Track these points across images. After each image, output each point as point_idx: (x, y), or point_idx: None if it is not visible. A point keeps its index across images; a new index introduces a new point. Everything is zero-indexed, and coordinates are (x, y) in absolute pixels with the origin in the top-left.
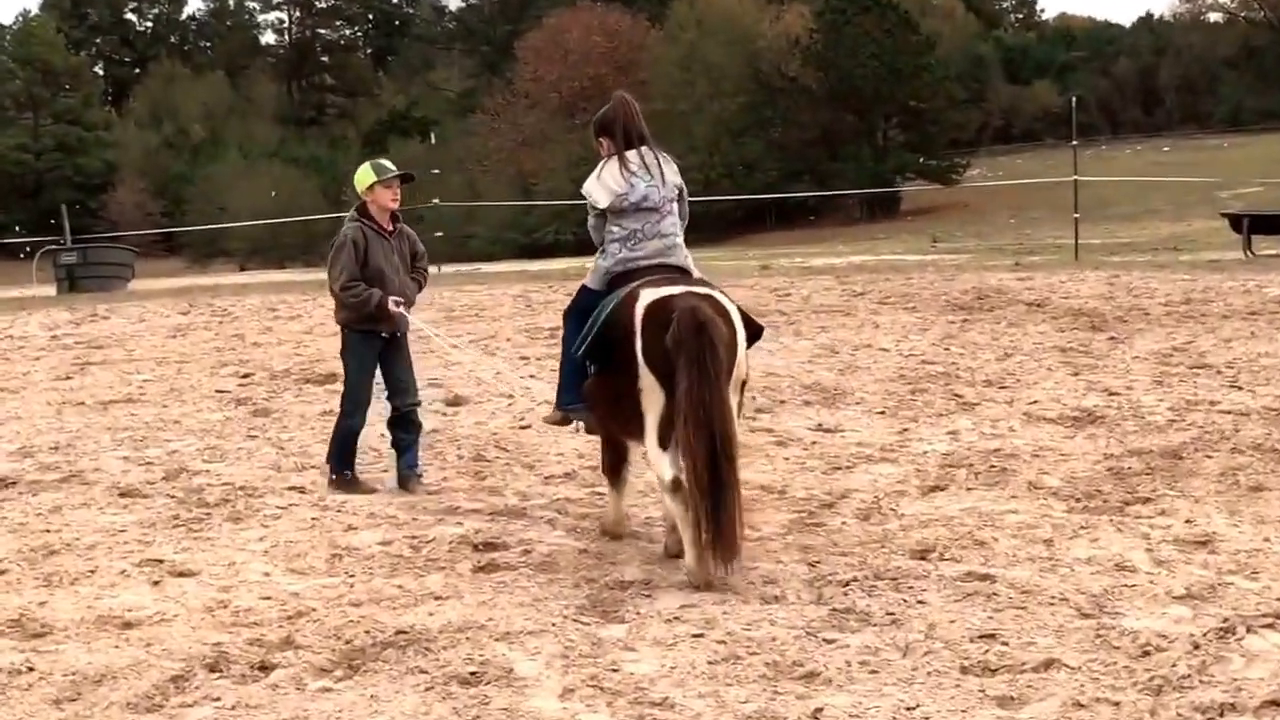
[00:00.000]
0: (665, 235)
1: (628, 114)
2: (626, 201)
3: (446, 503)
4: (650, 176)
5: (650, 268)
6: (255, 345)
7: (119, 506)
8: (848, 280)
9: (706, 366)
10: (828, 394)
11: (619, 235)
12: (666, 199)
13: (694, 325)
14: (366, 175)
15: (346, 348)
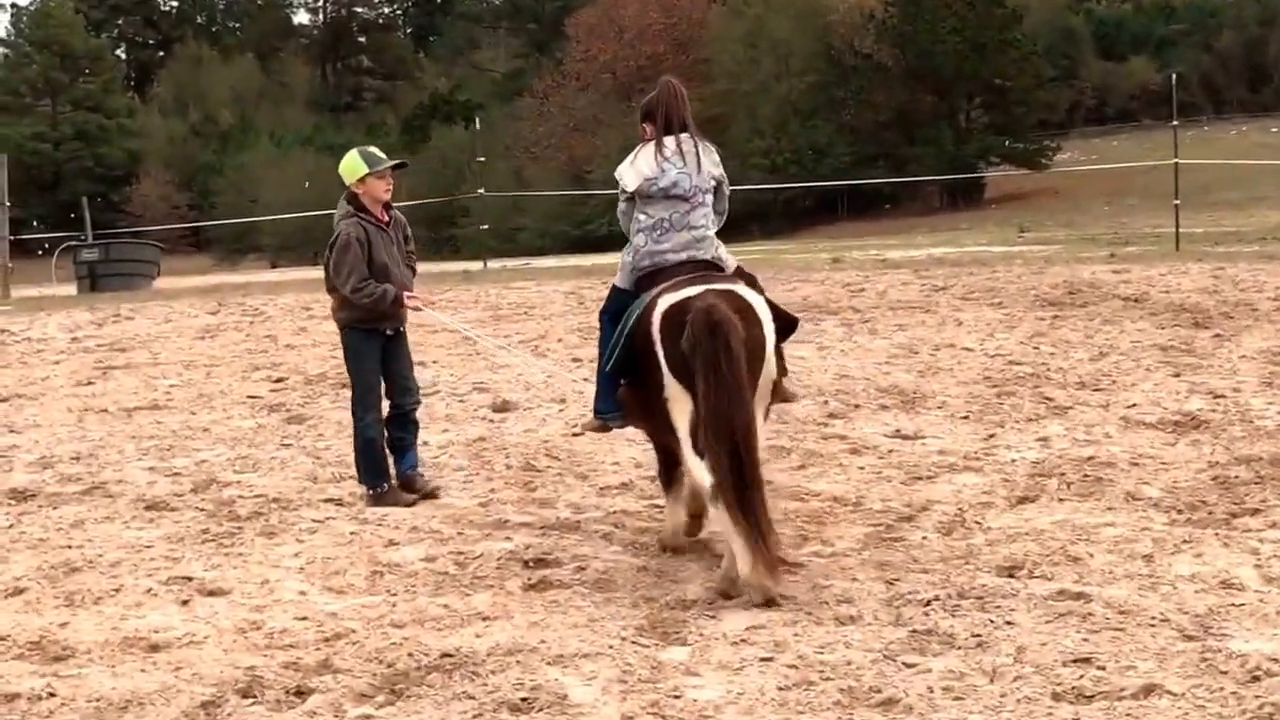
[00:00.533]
0: (695, 227)
1: (671, 99)
2: (655, 187)
3: (494, 516)
4: (684, 164)
5: (677, 265)
6: (289, 347)
7: (145, 521)
8: (927, 274)
9: (722, 368)
10: (906, 397)
11: (645, 224)
12: (699, 189)
13: (708, 326)
14: (357, 166)
15: (350, 350)
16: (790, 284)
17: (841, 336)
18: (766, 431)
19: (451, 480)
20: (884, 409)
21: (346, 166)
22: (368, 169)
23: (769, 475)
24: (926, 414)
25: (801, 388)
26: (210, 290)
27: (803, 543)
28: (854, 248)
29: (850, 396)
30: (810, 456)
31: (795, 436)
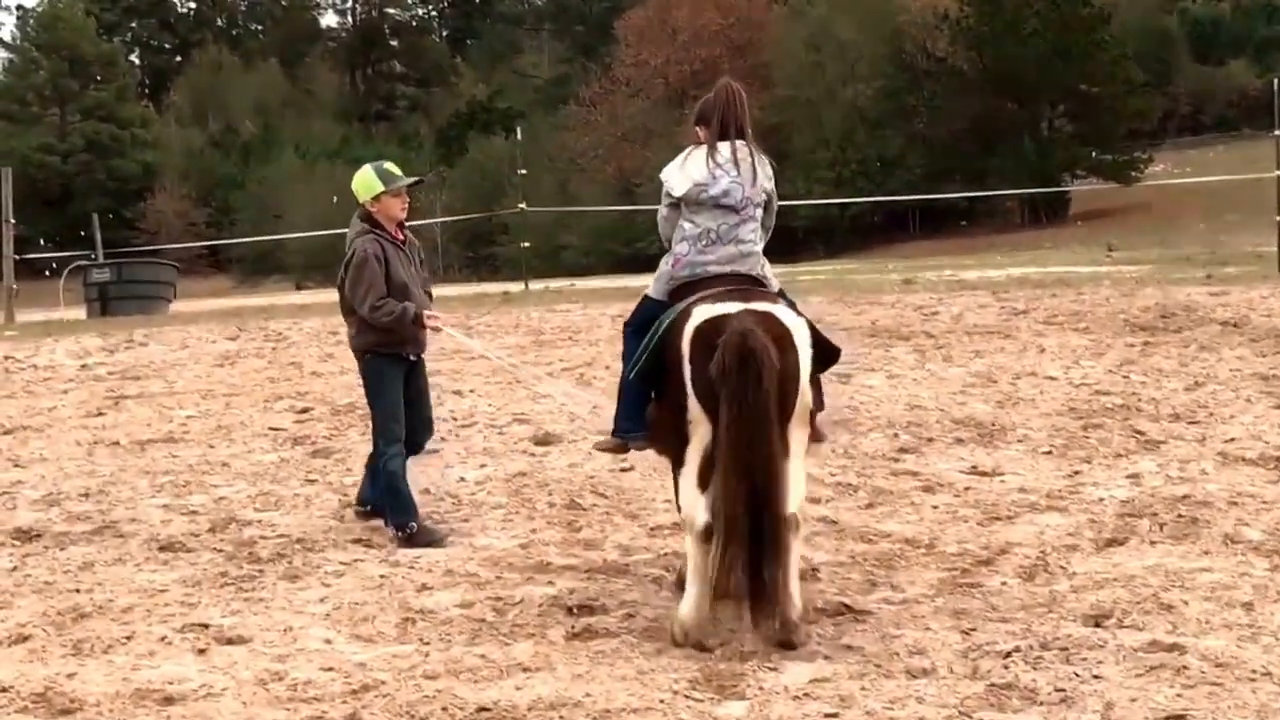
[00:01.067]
0: (743, 241)
1: (730, 102)
2: (705, 194)
3: (535, 558)
4: (737, 173)
5: (718, 276)
6: (315, 375)
7: (158, 562)
8: (1007, 296)
9: (749, 404)
10: (984, 430)
11: (690, 233)
12: (750, 201)
13: (740, 354)
14: (371, 184)
15: (373, 377)
16: (858, 307)
17: (913, 364)
18: (806, 466)
19: (490, 519)
20: (959, 443)
21: (360, 183)
22: (383, 187)
23: (836, 515)
24: (1006, 448)
25: (870, 419)
26: (230, 314)
27: (871, 588)
28: (927, 268)
29: (923, 429)
30: (879, 494)
31: (863, 473)
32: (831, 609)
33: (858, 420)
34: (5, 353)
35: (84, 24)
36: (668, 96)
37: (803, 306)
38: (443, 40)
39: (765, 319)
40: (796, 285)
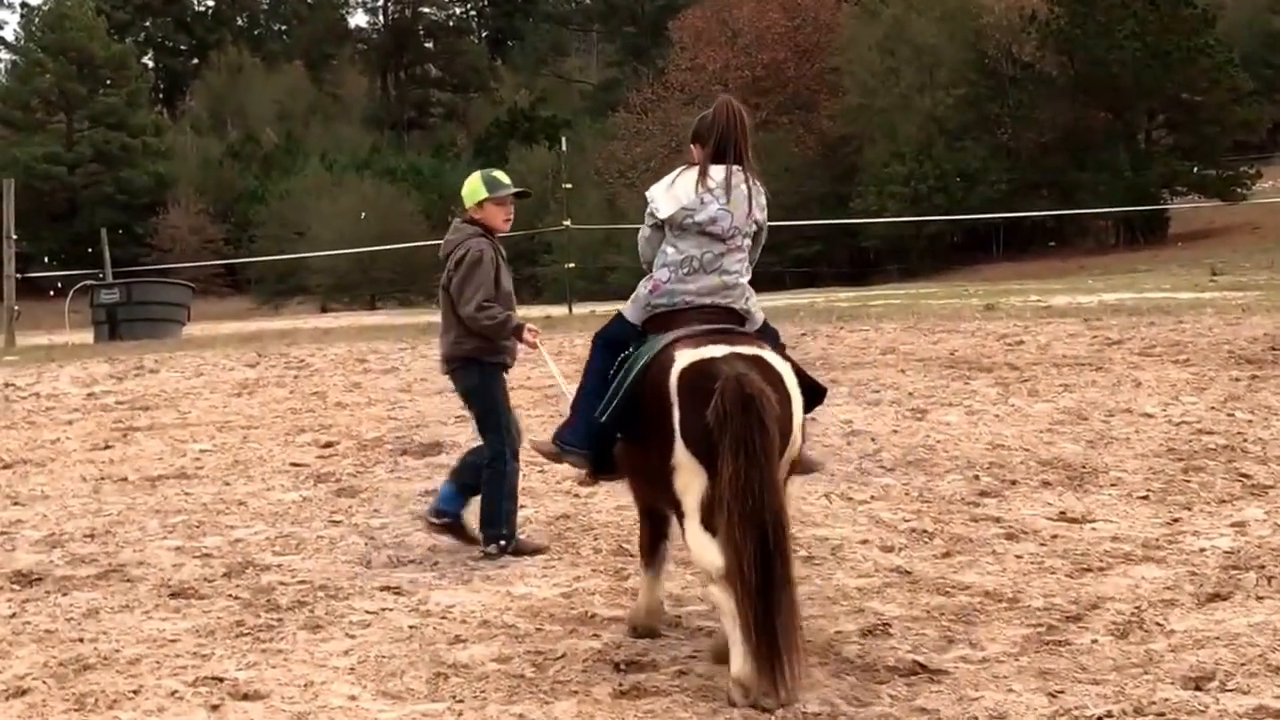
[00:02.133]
0: (728, 272)
1: (730, 123)
2: (691, 219)
3: (579, 608)
4: (727, 199)
5: (698, 309)
6: (340, 406)
7: (169, 610)
8: (1099, 325)
9: (755, 449)
10: (1073, 472)
11: (671, 259)
12: (739, 231)
13: (740, 400)
14: (478, 189)
15: (483, 386)
16: (935, 335)
17: (995, 399)
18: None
19: (529, 566)
20: (1046, 486)
21: (468, 189)
22: (487, 194)
23: (910, 565)
24: (1098, 493)
25: (947, 459)
26: (249, 338)
27: (948, 646)
28: (1011, 292)
29: (1006, 471)
30: (957, 542)
31: (940, 518)
32: (905, 668)
33: (934, 460)
34: (5, 379)
35: (93, 23)
36: None
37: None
38: (481, 42)
39: (756, 363)
40: (868, 310)
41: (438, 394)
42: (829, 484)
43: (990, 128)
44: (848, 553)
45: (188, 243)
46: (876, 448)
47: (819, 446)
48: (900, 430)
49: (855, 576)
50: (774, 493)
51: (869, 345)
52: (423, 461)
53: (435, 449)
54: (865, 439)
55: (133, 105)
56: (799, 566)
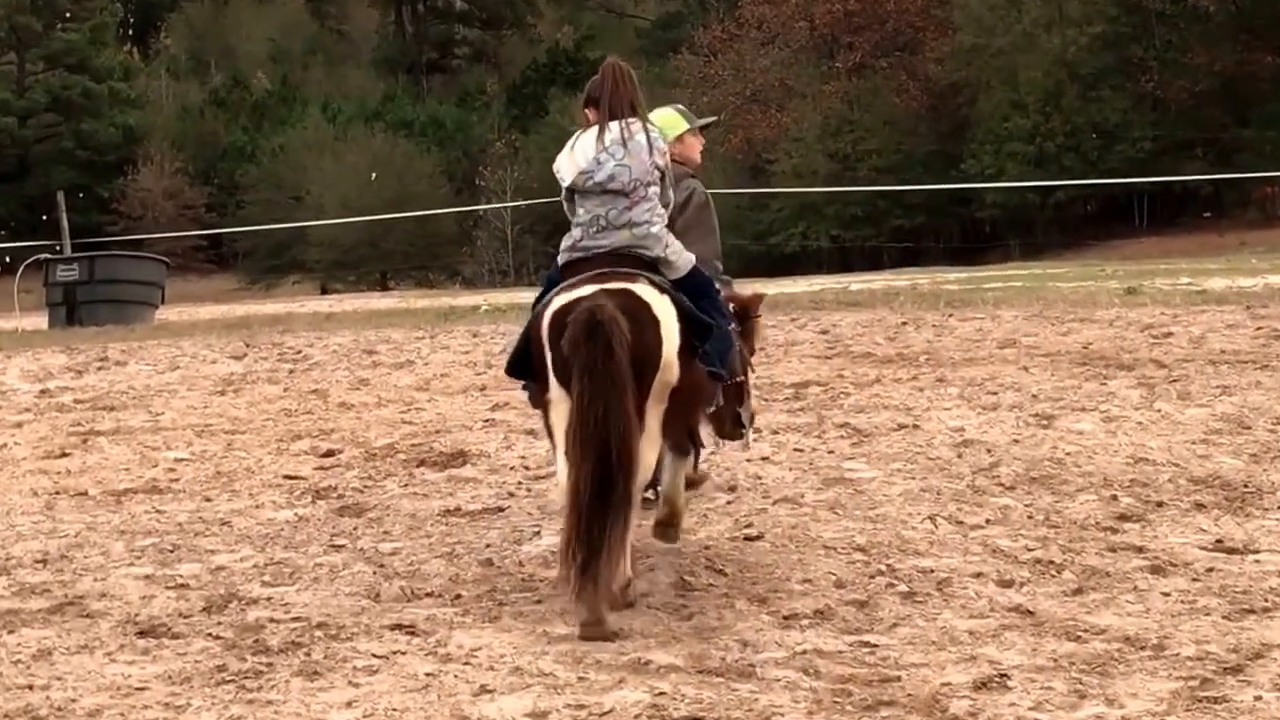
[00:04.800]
0: (636, 224)
1: (617, 81)
2: (591, 180)
3: (630, 653)
4: (624, 153)
5: (603, 255)
6: (344, 407)
7: (136, 651)
8: (1265, 314)
9: (599, 372)
10: (1233, 493)
11: (582, 219)
12: (640, 182)
13: (588, 327)
14: (676, 121)
15: None
16: (1064, 325)
17: (1139, 403)
18: (655, 450)
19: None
20: (1200, 509)
21: (664, 121)
22: (687, 125)
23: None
24: (1263, 517)
25: (1079, 476)
26: (235, 325)
27: (1079, 701)
28: (1157, 273)
29: (1150, 490)
30: (1091, 576)
31: (1070, 547)
32: None
33: (1063, 477)
34: None
35: None
36: (813, 45)
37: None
38: None
39: (619, 294)
40: (982, 295)
41: (461, 393)
42: (935, 504)
43: (1132, 74)
44: (957, 588)
45: (162, 209)
46: (993, 461)
47: (921, 459)
48: (1022, 440)
49: (966, 617)
50: (618, 416)
51: (984, 337)
52: (443, 474)
53: (458, 459)
54: (979, 450)
55: (97, 43)
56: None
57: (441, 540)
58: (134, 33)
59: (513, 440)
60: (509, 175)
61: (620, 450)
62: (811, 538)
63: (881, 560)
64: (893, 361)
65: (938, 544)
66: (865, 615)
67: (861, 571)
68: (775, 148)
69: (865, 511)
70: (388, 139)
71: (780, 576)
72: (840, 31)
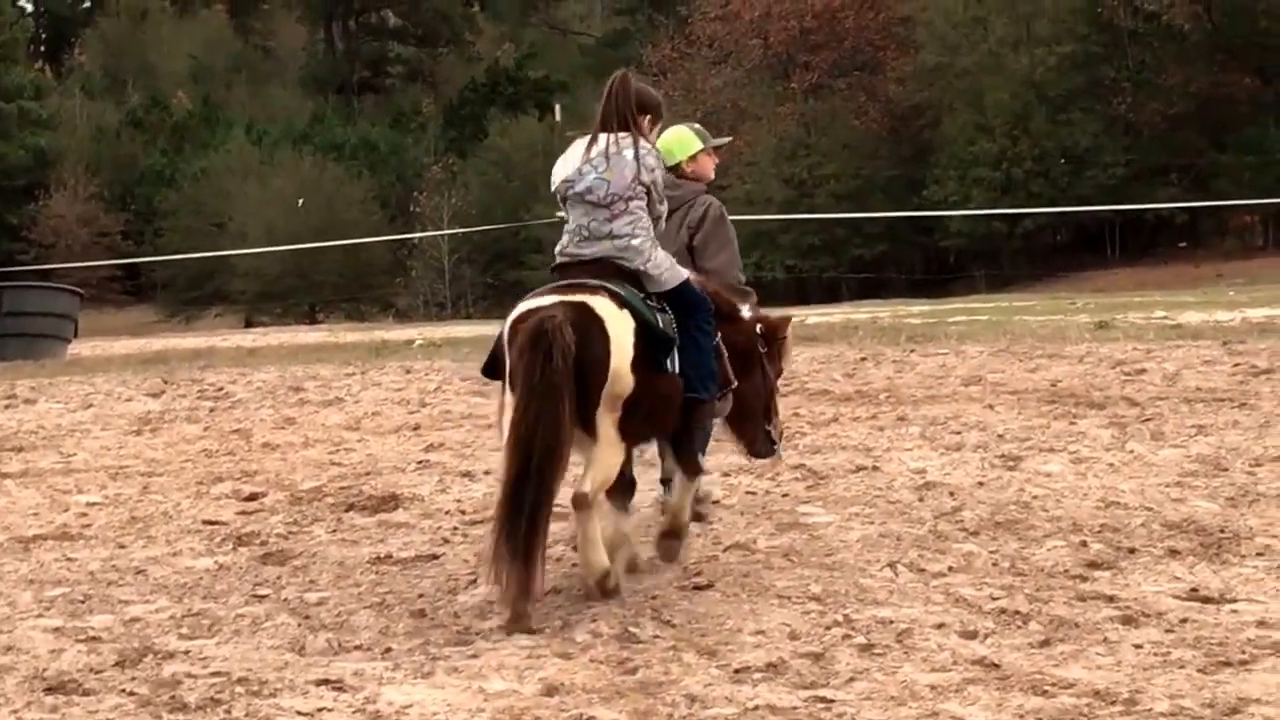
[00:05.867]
0: (618, 236)
1: (615, 94)
2: (572, 190)
3: (572, 709)
4: (606, 166)
5: (585, 265)
6: (268, 448)
7: (45, 709)
8: (1242, 349)
9: (536, 379)
10: (1208, 538)
11: (569, 227)
12: (619, 196)
13: (533, 336)
14: (690, 141)
15: None
16: (1032, 361)
17: (1110, 443)
18: (615, 455)
19: (507, 653)
20: (1174, 555)
21: (677, 141)
22: (701, 144)
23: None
24: (1240, 564)
25: (1047, 521)
26: (153, 360)
27: None
28: (1130, 306)
29: (1122, 535)
30: (1059, 627)
31: (1037, 596)
32: None
33: (1029, 522)
34: None
35: None
36: (768, 64)
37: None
38: None
39: (573, 307)
40: (946, 329)
41: (393, 433)
42: (895, 551)
43: (1104, 95)
44: (918, 639)
45: (75, 236)
46: (956, 505)
47: (881, 503)
48: (987, 483)
49: (928, 670)
50: (549, 423)
51: (947, 374)
52: (374, 519)
53: (390, 503)
54: (942, 494)
55: (6, 60)
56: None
57: (371, 590)
58: (46, 49)
59: (448, 483)
60: (446, 201)
61: (543, 456)
62: (764, 586)
63: (838, 610)
64: (851, 399)
65: (898, 593)
66: (820, 668)
67: (817, 622)
68: (728, 172)
69: (821, 558)
70: (316, 162)
71: (731, 628)
72: (796, 50)
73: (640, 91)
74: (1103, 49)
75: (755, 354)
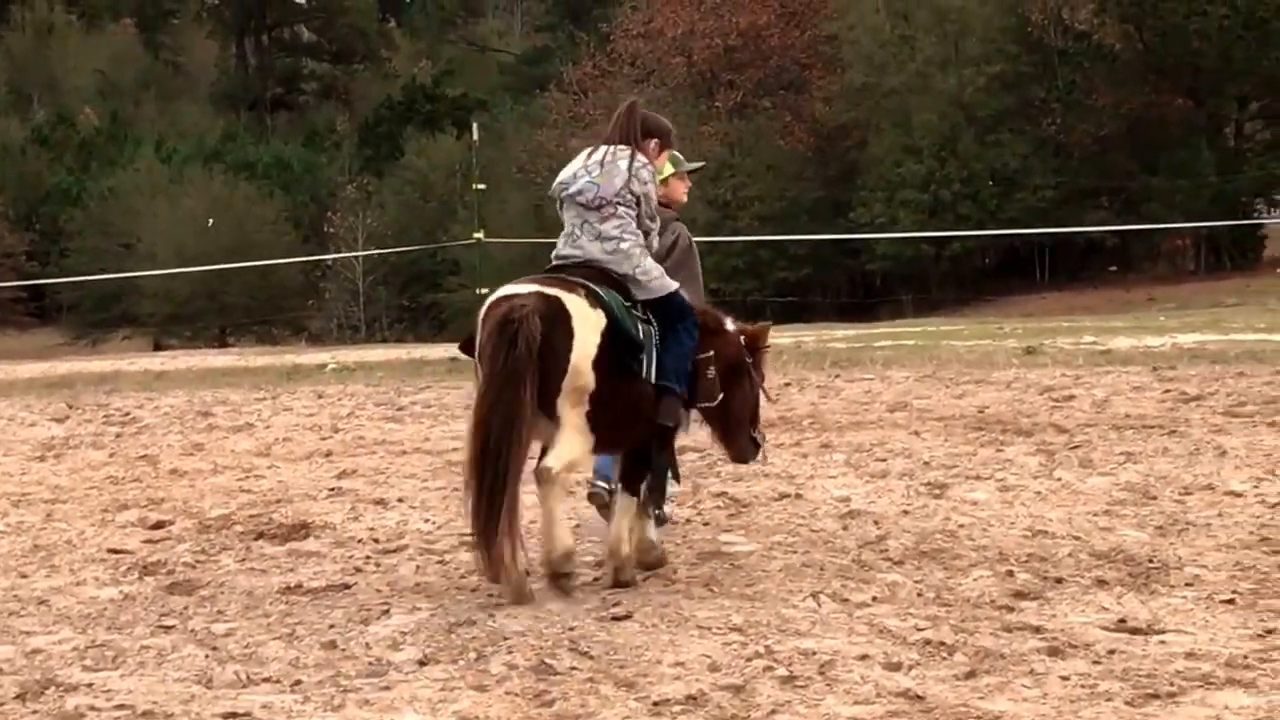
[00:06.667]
0: (606, 239)
1: (622, 116)
2: (565, 192)
3: None
4: (599, 172)
5: (574, 266)
6: (176, 475)
7: None
8: (1173, 375)
9: (498, 364)
10: (1137, 568)
11: (565, 229)
12: (606, 200)
13: (499, 323)
14: (662, 165)
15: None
16: (959, 387)
17: (1037, 471)
18: (580, 442)
19: (420, 687)
20: (1102, 585)
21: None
22: (673, 169)
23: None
24: (1169, 595)
25: (972, 550)
26: (57, 384)
27: None
28: (1059, 331)
29: (1049, 565)
30: (985, 658)
31: (962, 627)
32: None
33: (955, 551)
34: None
35: None
36: (691, 83)
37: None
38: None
39: (545, 298)
40: (872, 354)
41: (305, 459)
42: (818, 581)
43: (1033, 116)
44: (841, 671)
45: None
46: (881, 534)
47: (804, 532)
48: (912, 511)
49: (851, 703)
50: (506, 405)
51: (873, 399)
52: (284, 548)
53: (301, 531)
54: (866, 522)
55: None
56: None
57: (281, 620)
58: None
59: (360, 510)
60: (360, 222)
61: (500, 436)
62: (684, 617)
63: (760, 641)
64: (774, 425)
65: (820, 624)
66: (742, 701)
67: (738, 654)
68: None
69: (743, 588)
70: (228, 181)
71: (650, 659)
72: (720, 69)
73: (647, 117)
74: (1032, 69)
75: (743, 365)
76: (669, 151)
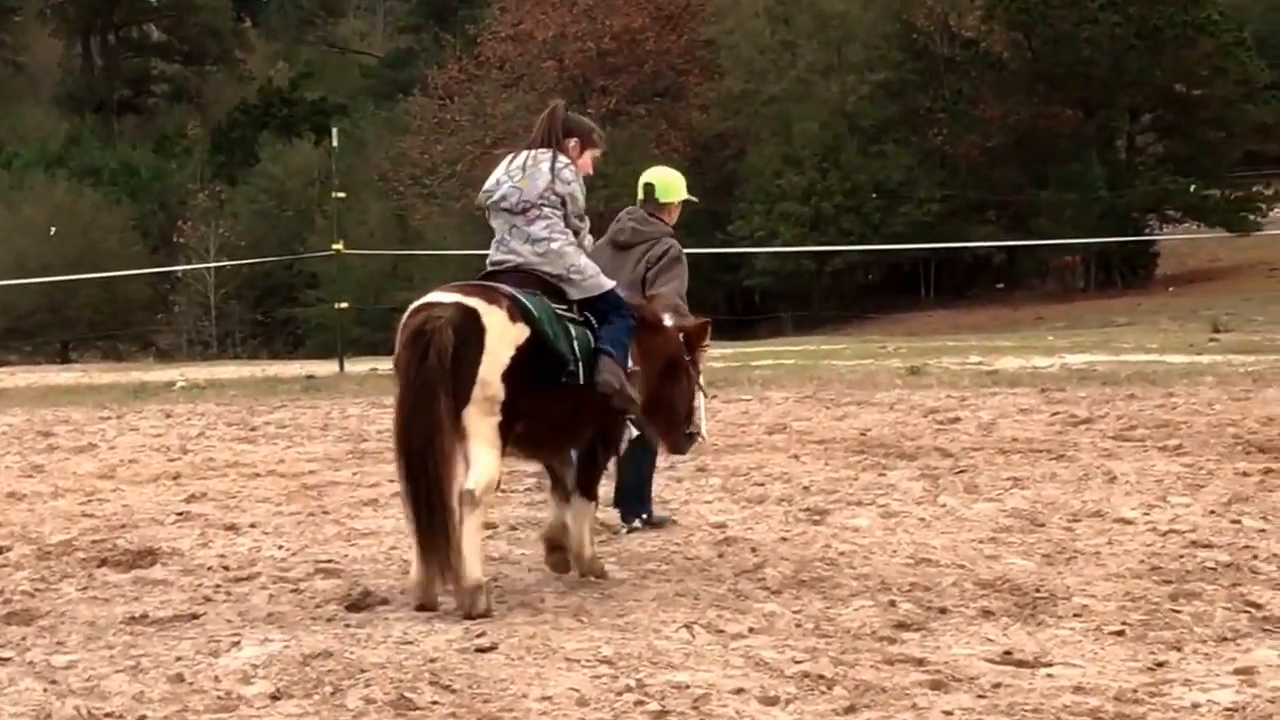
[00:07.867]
0: (536, 240)
1: (542, 118)
2: (490, 199)
3: None
4: (521, 176)
5: (506, 273)
6: (13, 498)
7: None
8: (1061, 397)
9: (410, 376)
10: (1023, 598)
11: (495, 236)
12: (530, 203)
13: (412, 333)
14: (679, 188)
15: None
16: (840, 408)
17: (921, 496)
18: (490, 456)
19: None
20: (987, 616)
21: (673, 183)
22: (685, 195)
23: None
24: (1056, 626)
25: (852, 579)
26: None
27: None
28: (944, 350)
29: (933, 595)
30: (865, 692)
31: (841, 659)
32: None
33: (835, 580)
34: None
35: None
36: (562, 88)
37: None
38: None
39: (461, 309)
40: (750, 373)
41: (151, 482)
42: (692, 611)
43: (919, 127)
44: (716, 705)
45: None
46: (758, 561)
47: (678, 559)
48: (791, 538)
49: None
50: (422, 416)
51: (750, 421)
52: (128, 575)
53: (146, 558)
54: (743, 549)
55: None
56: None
57: (125, 652)
58: None
59: (210, 536)
60: (213, 231)
61: (422, 448)
62: (552, 648)
63: (630, 674)
64: None
65: (694, 655)
66: None
67: (608, 687)
68: None
69: (613, 619)
70: (71, 188)
71: (516, 693)
72: (593, 74)
73: (569, 119)
74: (918, 77)
75: (681, 361)
76: (673, 181)
